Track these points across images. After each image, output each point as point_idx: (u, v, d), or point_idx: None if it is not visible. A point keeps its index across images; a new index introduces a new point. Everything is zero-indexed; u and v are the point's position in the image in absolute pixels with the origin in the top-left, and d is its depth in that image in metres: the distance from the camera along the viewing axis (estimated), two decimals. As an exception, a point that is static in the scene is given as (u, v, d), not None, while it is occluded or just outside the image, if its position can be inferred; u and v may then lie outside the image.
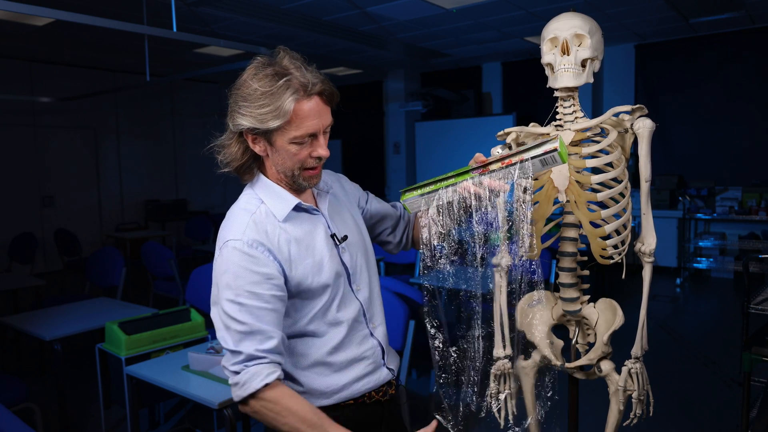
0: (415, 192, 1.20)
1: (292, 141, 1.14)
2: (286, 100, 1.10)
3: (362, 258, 1.33)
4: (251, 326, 1.11)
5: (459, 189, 1.16)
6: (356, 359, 1.28)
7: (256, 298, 1.12)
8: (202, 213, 8.51)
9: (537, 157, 1.09)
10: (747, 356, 2.29)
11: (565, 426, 1.76)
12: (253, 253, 1.14)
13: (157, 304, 4.70)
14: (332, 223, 1.29)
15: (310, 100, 1.13)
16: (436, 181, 1.19)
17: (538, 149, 1.09)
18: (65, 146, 7.79)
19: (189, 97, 9.09)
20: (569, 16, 1.49)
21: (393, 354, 1.40)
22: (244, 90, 1.14)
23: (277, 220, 1.20)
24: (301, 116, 1.12)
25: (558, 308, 1.64)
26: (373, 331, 1.33)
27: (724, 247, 6.66)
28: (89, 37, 6.12)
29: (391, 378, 1.36)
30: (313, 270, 1.21)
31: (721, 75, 6.64)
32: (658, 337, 4.49)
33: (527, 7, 5.38)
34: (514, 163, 1.11)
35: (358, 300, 1.30)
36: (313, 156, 1.18)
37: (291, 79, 1.11)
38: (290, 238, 1.20)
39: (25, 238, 5.68)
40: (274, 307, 1.14)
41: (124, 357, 2.41)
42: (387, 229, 1.48)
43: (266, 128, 1.12)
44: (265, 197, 1.22)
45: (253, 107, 1.12)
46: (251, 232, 1.16)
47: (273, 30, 5.91)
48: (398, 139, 8.98)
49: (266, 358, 1.12)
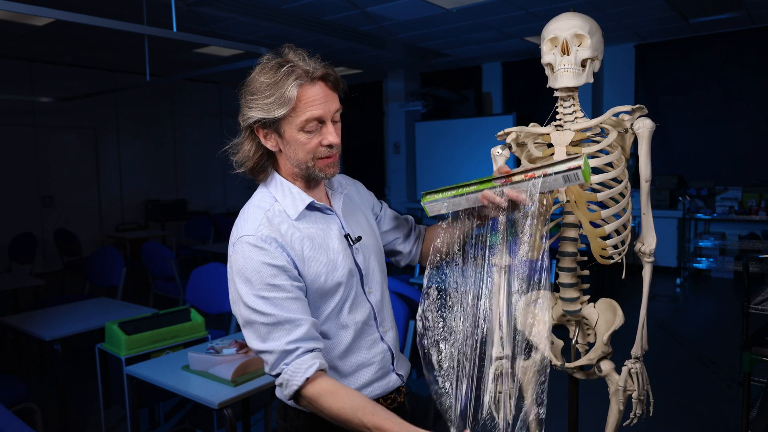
0: (437, 195, 1.23)
1: (301, 129, 1.14)
2: (289, 87, 1.11)
3: (375, 260, 1.32)
4: (277, 317, 1.10)
5: (480, 197, 1.18)
6: (365, 364, 1.26)
7: (278, 290, 1.11)
8: (202, 213, 8.52)
9: (560, 173, 1.11)
10: (747, 356, 2.29)
11: (565, 426, 1.76)
12: (266, 247, 1.13)
13: (157, 304, 4.70)
14: (346, 223, 1.29)
15: (313, 85, 1.14)
16: (458, 186, 1.21)
17: (562, 165, 1.11)
18: (65, 146, 7.79)
19: (189, 97, 9.09)
20: (569, 16, 1.49)
21: (403, 360, 1.37)
22: (252, 85, 1.16)
23: (290, 218, 1.20)
24: (305, 101, 1.13)
25: (558, 308, 1.64)
26: (384, 336, 1.31)
27: (724, 247, 6.66)
28: (89, 37, 6.12)
29: (400, 385, 1.34)
30: (327, 268, 1.20)
31: (721, 75, 6.64)
32: (658, 337, 4.49)
33: (527, 7, 5.38)
34: (537, 176, 1.13)
35: (369, 302, 1.29)
36: (324, 144, 1.18)
37: (293, 67, 1.13)
38: (303, 237, 1.19)
39: (25, 238, 5.68)
40: (296, 295, 1.13)
41: (124, 357, 2.41)
42: (399, 239, 1.47)
43: (273, 117, 1.13)
44: (278, 195, 1.22)
45: (259, 99, 1.13)
46: (265, 228, 1.16)
47: (273, 30, 5.91)
48: (398, 139, 8.99)
49: (300, 349, 1.10)
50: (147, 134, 8.69)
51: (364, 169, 9.56)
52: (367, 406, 1.08)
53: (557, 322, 1.66)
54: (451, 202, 1.21)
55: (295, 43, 1.21)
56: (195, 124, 9.21)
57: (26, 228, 6.38)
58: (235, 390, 2.01)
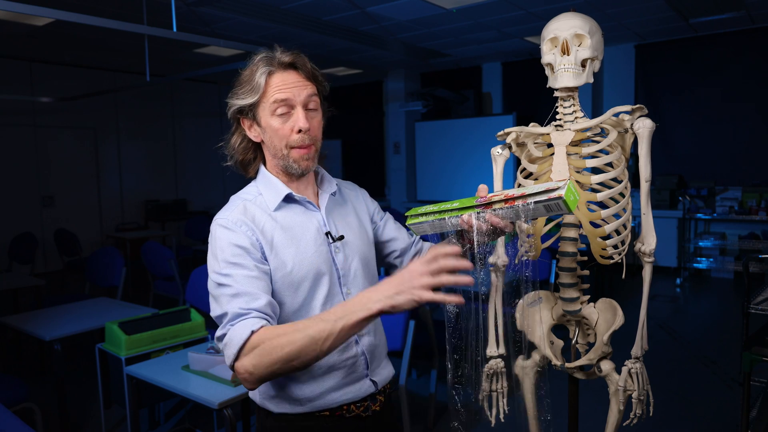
0: (421, 217, 1.21)
1: (272, 113, 1.20)
2: (259, 75, 1.19)
3: (359, 263, 1.30)
4: (236, 289, 1.11)
5: (461, 222, 1.14)
6: (335, 367, 1.24)
7: (240, 267, 1.14)
8: (202, 213, 8.51)
9: (541, 203, 1.05)
10: (747, 356, 2.29)
11: (565, 426, 1.76)
12: (234, 229, 1.18)
13: (157, 304, 4.70)
14: (330, 220, 1.29)
15: (283, 72, 1.20)
16: (441, 210, 1.18)
17: (542, 195, 1.05)
18: (65, 146, 7.79)
19: (189, 97, 9.09)
20: (569, 16, 1.50)
21: (383, 367, 1.34)
22: (236, 81, 1.24)
23: (269, 208, 1.24)
24: (273, 86, 1.19)
25: (558, 308, 1.64)
26: (359, 340, 1.27)
27: (724, 247, 6.66)
28: (89, 37, 6.12)
29: (374, 392, 1.30)
30: (295, 259, 1.20)
31: (721, 75, 6.64)
32: (658, 337, 4.49)
33: (527, 7, 5.38)
34: (517, 204, 1.07)
35: None
36: (294, 129, 1.20)
37: (263, 58, 1.21)
38: (276, 226, 1.22)
39: (25, 238, 5.69)
40: (258, 275, 1.15)
41: (124, 357, 2.41)
42: (395, 252, 1.45)
43: (247, 104, 1.20)
44: (262, 188, 1.27)
45: (237, 90, 1.22)
46: (237, 213, 1.21)
47: (273, 30, 5.91)
48: (398, 139, 8.98)
49: (251, 314, 1.08)
50: (147, 134, 8.69)
51: (364, 169, 9.56)
52: (309, 321, 1.04)
53: (557, 322, 1.66)
54: (433, 224, 1.19)
55: (295, 43, 1.22)
56: (195, 124, 9.21)
57: (26, 228, 6.39)
58: (235, 390, 2.01)
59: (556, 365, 1.61)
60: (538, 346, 1.64)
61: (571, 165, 1.49)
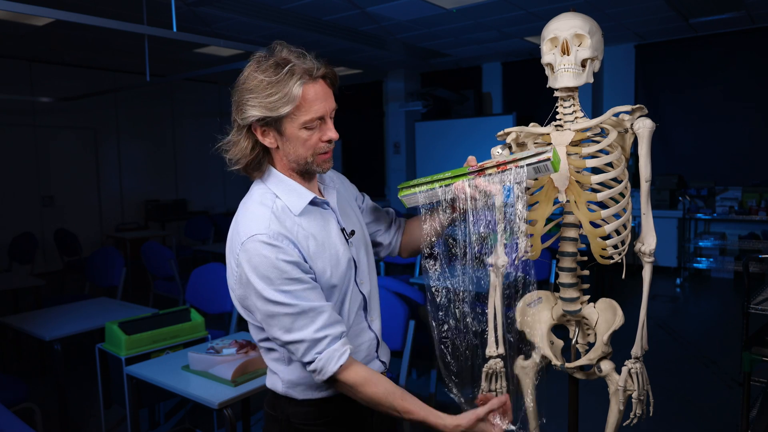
0: (413, 188, 1.26)
1: (303, 126, 1.17)
2: (293, 86, 1.13)
3: (364, 252, 1.36)
4: (300, 307, 1.14)
5: (454, 189, 1.22)
6: (353, 351, 1.27)
7: (297, 282, 1.15)
8: (202, 213, 8.51)
9: (531, 165, 1.16)
10: (747, 356, 2.29)
11: (565, 426, 1.76)
12: (279, 245, 1.15)
13: (157, 304, 4.69)
14: (341, 218, 1.32)
15: (315, 84, 1.17)
16: (433, 180, 1.24)
17: (532, 157, 1.16)
18: (65, 146, 7.79)
19: (189, 97, 9.09)
20: (569, 16, 1.49)
21: (385, 347, 1.42)
22: (250, 83, 1.16)
23: (293, 214, 1.22)
24: (309, 100, 1.16)
25: (558, 308, 1.64)
26: (371, 324, 1.35)
27: (724, 247, 6.66)
28: (89, 37, 6.12)
29: (383, 370, 1.38)
30: (331, 263, 1.23)
31: (720, 75, 6.64)
32: (658, 337, 4.49)
33: (527, 7, 5.39)
34: (509, 168, 1.18)
35: (361, 293, 1.32)
36: (324, 140, 1.21)
37: (294, 66, 1.15)
38: (308, 234, 1.22)
39: (25, 238, 5.68)
40: (313, 285, 1.18)
41: (124, 357, 2.41)
42: (380, 230, 1.50)
43: (277, 115, 1.14)
44: (278, 191, 1.23)
45: (261, 97, 1.14)
46: (275, 226, 1.17)
47: (273, 30, 5.91)
48: (398, 139, 8.98)
49: (328, 336, 1.15)
50: (147, 134, 8.69)
51: (364, 169, 9.55)
52: (396, 391, 1.16)
53: (557, 322, 1.66)
54: (426, 194, 1.25)
55: (296, 43, 1.22)
56: (195, 124, 9.21)
57: (26, 228, 6.39)
58: (235, 390, 2.01)
59: (556, 365, 1.61)
60: (538, 346, 1.64)
61: (571, 165, 1.49)
